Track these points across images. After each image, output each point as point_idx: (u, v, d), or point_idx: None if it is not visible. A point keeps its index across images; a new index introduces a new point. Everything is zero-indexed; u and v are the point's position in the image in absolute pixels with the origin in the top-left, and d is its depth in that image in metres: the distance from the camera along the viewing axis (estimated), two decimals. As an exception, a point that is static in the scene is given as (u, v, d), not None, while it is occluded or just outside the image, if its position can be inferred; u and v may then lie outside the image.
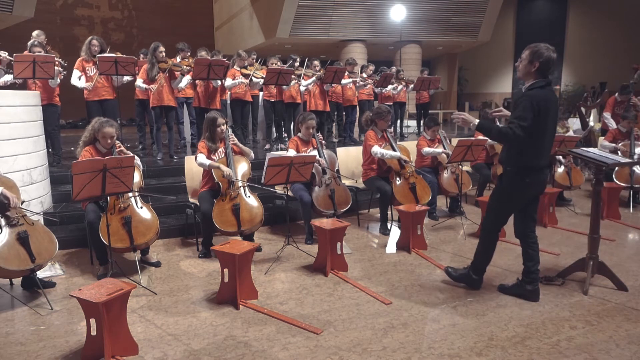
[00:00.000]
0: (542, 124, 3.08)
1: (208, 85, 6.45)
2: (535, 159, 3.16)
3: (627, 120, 6.38)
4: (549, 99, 3.10)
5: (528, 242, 3.35)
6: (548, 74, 3.15)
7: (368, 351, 2.69)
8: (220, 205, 4.14)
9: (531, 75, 3.14)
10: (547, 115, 3.08)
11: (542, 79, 3.12)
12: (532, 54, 3.10)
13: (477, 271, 3.51)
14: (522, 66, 3.17)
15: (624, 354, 2.64)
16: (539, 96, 3.05)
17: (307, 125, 4.91)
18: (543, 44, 3.12)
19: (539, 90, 3.09)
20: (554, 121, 3.21)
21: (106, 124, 3.92)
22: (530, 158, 3.15)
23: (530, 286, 3.33)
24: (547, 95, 3.09)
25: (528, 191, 3.24)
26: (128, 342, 2.67)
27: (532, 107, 3.01)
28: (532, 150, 3.13)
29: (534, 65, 3.09)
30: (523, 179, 3.18)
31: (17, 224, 3.31)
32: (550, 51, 3.08)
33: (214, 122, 4.38)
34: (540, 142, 3.14)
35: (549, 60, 3.07)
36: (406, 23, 12.83)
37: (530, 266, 3.33)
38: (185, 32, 17.39)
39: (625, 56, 15.78)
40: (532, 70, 3.11)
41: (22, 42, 5.80)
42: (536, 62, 3.08)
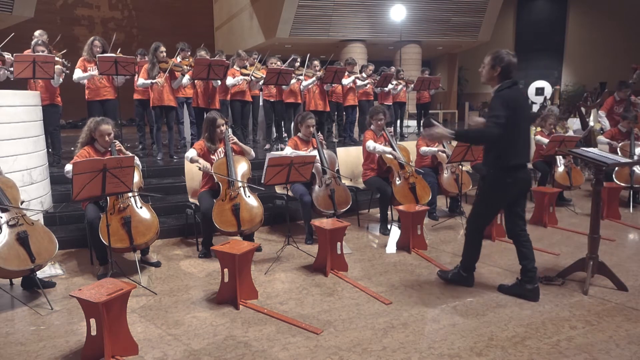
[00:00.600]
0: (514, 122, 3.15)
1: (207, 85, 6.45)
2: (513, 158, 3.22)
3: (627, 121, 6.38)
4: (518, 97, 3.22)
5: (520, 241, 3.39)
6: (511, 76, 3.25)
7: (368, 351, 2.69)
8: (220, 205, 4.14)
9: (494, 80, 3.26)
10: (518, 113, 3.16)
11: (508, 80, 3.22)
12: (493, 59, 3.23)
13: (466, 269, 3.57)
14: (485, 71, 3.29)
15: (624, 354, 2.64)
16: (509, 95, 3.16)
17: (306, 124, 4.91)
18: (503, 50, 3.27)
19: (507, 90, 3.19)
20: (526, 119, 3.32)
21: (102, 122, 3.92)
22: (507, 158, 3.22)
23: (529, 285, 3.33)
24: (516, 94, 3.21)
25: (510, 190, 3.29)
26: (128, 342, 2.67)
27: (504, 105, 3.11)
28: (508, 149, 3.20)
29: (496, 70, 3.22)
30: (504, 179, 3.25)
31: (17, 224, 3.31)
32: (511, 56, 3.22)
33: (213, 122, 4.38)
34: (515, 140, 3.21)
35: (509, 64, 3.20)
36: (406, 23, 12.84)
37: (527, 264, 3.35)
38: (185, 32, 17.40)
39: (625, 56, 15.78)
40: (495, 74, 3.24)
41: (22, 42, 5.80)
42: (498, 67, 3.21)
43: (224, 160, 4.36)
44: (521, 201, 3.40)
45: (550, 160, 6.22)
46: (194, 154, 4.36)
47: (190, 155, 4.34)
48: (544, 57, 18.01)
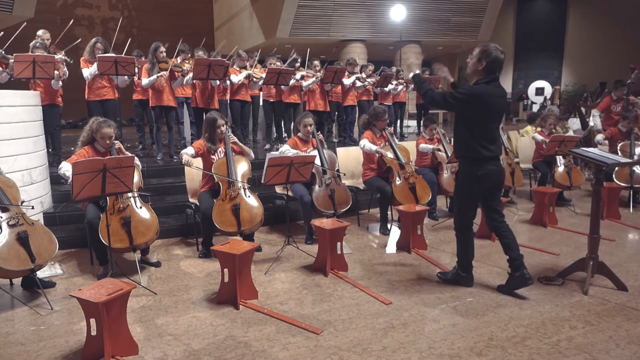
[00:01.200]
0: (482, 116, 3.24)
1: (206, 85, 6.45)
2: (482, 150, 3.26)
3: (628, 121, 6.37)
4: (489, 92, 3.22)
5: (500, 233, 3.45)
6: (495, 72, 3.26)
7: (368, 351, 2.69)
8: (220, 205, 4.14)
9: (478, 73, 3.29)
10: (485, 108, 3.22)
11: (488, 75, 3.24)
12: (481, 52, 3.23)
13: (464, 269, 3.58)
14: (471, 63, 3.30)
15: (624, 354, 2.64)
16: (480, 89, 3.21)
17: (304, 123, 4.91)
18: (493, 45, 3.25)
19: (482, 85, 3.24)
20: (497, 114, 3.34)
21: (104, 125, 3.91)
22: (476, 150, 3.27)
23: (518, 272, 3.37)
24: (490, 90, 3.22)
25: (482, 183, 3.33)
26: (128, 342, 2.67)
27: (466, 96, 3.19)
28: (477, 141, 3.26)
29: (482, 63, 3.23)
30: (474, 172, 3.31)
31: (17, 224, 3.31)
32: (499, 52, 3.21)
33: (213, 123, 4.38)
34: (483, 133, 3.26)
35: (496, 60, 3.20)
36: (406, 23, 12.84)
37: (511, 254, 3.41)
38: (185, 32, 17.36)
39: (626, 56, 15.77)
40: (480, 68, 3.25)
41: (22, 42, 5.80)
42: (484, 61, 3.21)
43: (224, 160, 4.36)
44: (496, 194, 3.48)
45: (550, 160, 6.22)
46: (190, 151, 4.34)
47: (183, 151, 4.32)
48: (544, 57, 18.01)
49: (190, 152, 4.34)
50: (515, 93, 18.13)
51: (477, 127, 3.27)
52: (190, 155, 4.31)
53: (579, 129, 9.27)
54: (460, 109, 3.32)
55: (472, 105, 3.22)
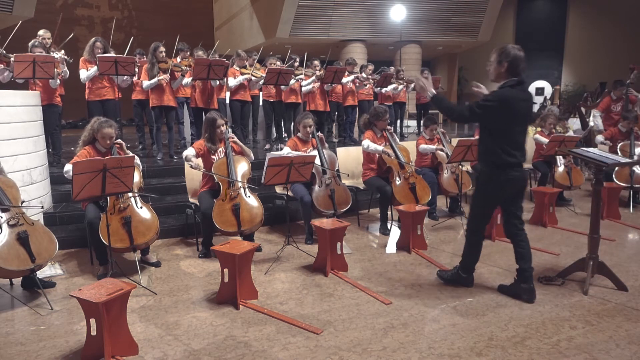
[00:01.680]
0: (507, 121, 3.13)
1: (206, 85, 6.45)
2: (506, 156, 3.17)
3: (628, 121, 6.37)
4: (516, 97, 3.12)
5: (517, 241, 3.37)
6: (519, 74, 3.16)
7: (368, 351, 2.69)
8: (220, 205, 4.14)
9: (502, 76, 3.18)
10: (512, 113, 3.12)
11: (513, 79, 3.14)
12: (499, 54, 3.14)
13: (465, 270, 3.55)
14: (492, 68, 3.22)
15: (624, 354, 2.64)
16: (506, 93, 3.11)
17: (304, 124, 4.91)
18: (510, 45, 3.18)
19: (507, 89, 3.13)
20: (523, 119, 3.24)
21: (105, 125, 3.91)
22: (499, 156, 3.18)
23: (525, 284, 3.32)
24: (515, 94, 3.12)
25: (504, 189, 3.26)
26: (128, 342, 2.67)
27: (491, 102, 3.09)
28: (501, 147, 3.16)
29: (503, 65, 3.14)
30: (497, 177, 3.22)
31: (17, 224, 3.31)
32: (516, 50, 3.11)
33: (213, 123, 4.38)
34: (508, 139, 3.17)
35: (516, 58, 3.10)
36: (406, 23, 12.84)
37: (522, 264, 3.34)
38: (185, 32, 17.37)
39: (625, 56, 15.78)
40: (502, 70, 3.16)
41: (23, 42, 5.79)
42: (505, 62, 3.12)
43: (224, 160, 4.36)
44: (517, 201, 3.37)
45: (550, 160, 6.22)
46: (191, 152, 4.33)
47: (186, 154, 4.32)
48: (544, 57, 18.01)
49: (192, 152, 4.33)
50: (515, 93, 18.13)
51: (502, 132, 3.17)
52: (192, 155, 4.30)
53: (579, 129, 9.27)
54: (487, 116, 3.18)
55: (498, 111, 3.11)
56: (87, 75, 5.95)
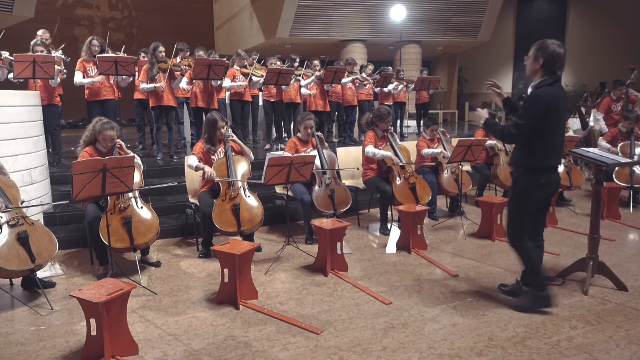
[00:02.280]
0: (552, 123, 2.97)
1: (206, 85, 6.45)
2: (546, 159, 3.06)
3: (629, 121, 6.37)
4: (557, 96, 2.98)
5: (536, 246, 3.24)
6: (556, 70, 3.02)
7: (368, 351, 2.69)
8: (220, 205, 4.14)
9: (538, 73, 3.04)
10: (556, 114, 2.97)
11: (550, 76, 3.00)
12: (537, 50, 3.01)
13: (538, 287, 3.14)
14: (528, 64, 3.08)
15: (624, 354, 2.64)
16: (547, 94, 2.95)
17: (305, 125, 4.91)
18: (550, 40, 3.01)
19: (547, 87, 2.97)
20: (563, 118, 3.11)
21: (107, 126, 3.91)
22: (541, 158, 3.05)
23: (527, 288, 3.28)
24: (556, 93, 2.98)
25: (544, 192, 3.12)
26: (128, 342, 2.67)
27: (536, 107, 2.93)
28: (543, 150, 3.03)
29: (539, 61, 3.00)
30: (538, 179, 3.06)
31: (17, 224, 3.31)
32: (556, 46, 2.97)
33: (214, 124, 4.37)
34: (551, 141, 3.03)
35: (553, 55, 2.96)
36: (406, 23, 12.83)
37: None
38: (185, 32, 17.39)
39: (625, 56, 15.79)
40: (538, 67, 3.01)
41: (22, 42, 5.80)
42: (541, 59, 2.99)
43: (224, 160, 4.36)
44: (546, 206, 3.29)
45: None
46: (195, 161, 4.29)
47: (193, 164, 4.26)
48: (544, 57, 17.98)
49: (195, 161, 4.28)
50: (516, 93, 18.13)
51: (544, 134, 2.99)
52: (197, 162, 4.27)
53: (579, 129, 9.26)
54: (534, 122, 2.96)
55: (539, 112, 2.94)
56: (80, 82, 5.97)
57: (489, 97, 18.89)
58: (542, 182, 3.07)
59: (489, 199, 4.95)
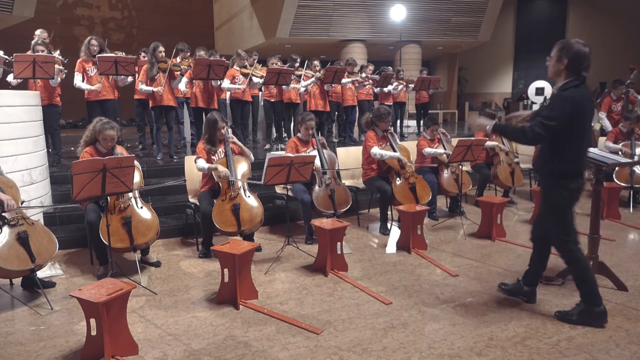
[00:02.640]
0: (579, 125, 2.84)
1: (207, 85, 6.45)
2: (575, 164, 2.92)
3: (630, 121, 6.37)
4: (584, 99, 2.85)
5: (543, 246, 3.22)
6: (582, 71, 2.87)
7: (368, 351, 2.69)
8: (220, 205, 4.14)
9: (562, 74, 2.90)
10: (583, 117, 2.85)
11: (575, 78, 2.86)
12: (560, 50, 2.87)
13: (594, 300, 2.98)
14: (551, 65, 2.95)
15: (624, 354, 2.64)
16: (574, 97, 2.80)
17: (306, 125, 4.91)
18: (574, 39, 2.88)
19: (573, 90, 2.83)
20: (590, 122, 2.99)
21: (107, 126, 3.91)
22: (570, 163, 2.92)
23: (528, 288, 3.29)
24: (583, 95, 2.84)
25: (574, 198, 2.97)
26: (128, 342, 2.67)
27: (564, 109, 2.79)
28: (572, 154, 2.90)
29: (563, 62, 2.85)
30: (567, 185, 2.93)
31: (17, 224, 3.31)
32: (581, 45, 2.84)
33: (214, 124, 4.37)
34: (580, 145, 2.91)
35: (578, 54, 2.82)
36: (406, 23, 12.82)
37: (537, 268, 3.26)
38: (185, 32, 17.40)
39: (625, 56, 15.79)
40: (562, 68, 2.87)
41: (22, 42, 5.80)
42: (565, 59, 2.84)
43: (224, 160, 4.36)
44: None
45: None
46: (204, 163, 4.27)
47: (205, 166, 4.25)
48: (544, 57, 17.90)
49: (204, 163, 4.26)
50: (515, 93, 18.14)
51: (571, 139, 2.86)
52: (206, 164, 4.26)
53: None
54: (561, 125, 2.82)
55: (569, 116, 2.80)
56: (79, 86, 6.00)
57: (488, 97, 18.91)
58: (572, 188, 2.94)
59: (489, 199, 4.95)
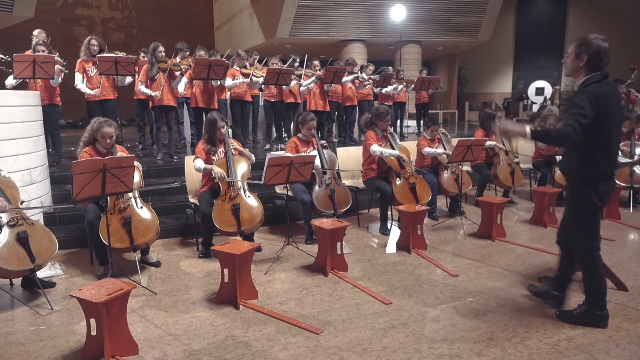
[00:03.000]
0: (605, 123, 2.72)
1: (207, 85, 6.45)
2: (603, 165, 2.79)
3: (630, 121, 6.37)
4: (608, 94, 2.74)
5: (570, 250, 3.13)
6: (602, 67, 2.76)
7: (368, 351, 2.69)
8: (220, 205, 4.14)
9: (580, 71, 2.81)
10: (609, 113, 2.72)
11: (597, 73, 2.75)
12: (578, 46, 2.77)
13: (598, 306, 2.94)
14: (569, 61, 2.85)
15: (624, 354, 2.64)
16: (597, 92, 2.69)
17: (308, 126, 4.90)
18: (592, 35, 2.76)
19: (595, 85, 2.72)
20: (618, 119, 2.86)
21: (105, 124, 3.92)
22: (599, 163, 2.79)
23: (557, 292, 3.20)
24: (606, 90, 2.73)
25: (603, 201, 2.86)
26: (128, 342, 2.67)
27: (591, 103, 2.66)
28: (600, 153, 2.77)
29: (582, 59, 2.76)
30: (596, 188, 2.81)
31: (16, 224, 3.31)
32: (600, 40, 2.72)
33: (214, 124, 4.37)
34: (608, 143, 2.78)
35: (599, 51, 2.72)
36: (406, 23, 12.83)
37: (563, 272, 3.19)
38: (185, 32, 17.40)
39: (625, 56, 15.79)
40: (581, 64, 2.78)
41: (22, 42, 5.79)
42: (584, 56, 2.74)
43: (224, 160, 4.36)
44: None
45: (551, 161, 6.22)
46: (202, 164, 4.29)
47: (201, 166, 4.27)
48: (544, 57, 18.00)
49: (201, 164, 4.28)
50: (516, 93, 18.14)
51: (597, 137, 2.73)
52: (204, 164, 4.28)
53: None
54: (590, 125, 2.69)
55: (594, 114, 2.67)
56: (80, 85, 6.01)
57: (488, 97, 18.91)
58: (602, 191, 2.82)
59: (489, 199, 4.95)
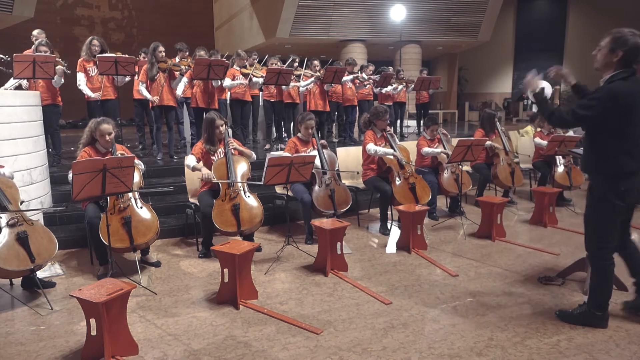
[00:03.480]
0: (628, 122, 2.65)
1: (207, 85, 6.45)
2: (626, 163, 2.71)
3: None
4: (634, 92, 2.64)
5: (628, 253, 3.06)
6: (632, 64, 2.67)
7: (368, 351, 2.69)
8: (220, 205, 4.14)
9: (611, 66, 2.72)
10: (630, 111, 2.65)
11: (624, 70, 2.67)
12: (614, 41, 2.66)
13: (599, 307, 2.92)
14: (601, 55, 2.75)
15: (624, 354, 2.64)
16: (621, 89, 2.61)
17: (306, 125, 4.91)
18: (627, 29, 2.66)
19: (620, 82, 2.65)
20: None
21: (102, 122, 3.94)
22: (620, 162, 2.72)
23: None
24: (632, 88, 2.64)
25: (625, 201, 2.78)
26: (128, 342, 2.67)
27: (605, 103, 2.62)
28: (622, 152, 2.70)
29: (617, 54, 2.66)
30: (616, 187, 2.74)
31: (16, 224, 3.31)
32: (637, 37, 2.62)
33: (212, 123, 4.38)
34: (632, 142, 2.70)
35: (636, 47, 2.61)
36: (406, 23, 12.83)
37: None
38: (185, 32, 17.42)
39: (625, 56, 15.78)
40: (614, 60, 2.68)
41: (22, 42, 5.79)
42: (619, 51, 2.65)
43: (224, 160, 4.36)
44: (630, 211, 2.97)
45: (550, 160, 6.22)
46: (193, 161, 4.31)
47: (191, 164, 4.29)
48: (544, 57, 18.00)
49: (193, 161, 4.31)
50: (515, 93, 18.14)
51: (619, 135, 2.68)
52: (194, 162, 4.30)
53: (579, 129, 9.26)
54: (596, 118, 2.68)
55: (613, 110, 2.63)
56: (83, 86, 6.02)
57: (488, 97, 18.91)
58: (622, 190, 2.74)
59: (489, 199, 4.95)
